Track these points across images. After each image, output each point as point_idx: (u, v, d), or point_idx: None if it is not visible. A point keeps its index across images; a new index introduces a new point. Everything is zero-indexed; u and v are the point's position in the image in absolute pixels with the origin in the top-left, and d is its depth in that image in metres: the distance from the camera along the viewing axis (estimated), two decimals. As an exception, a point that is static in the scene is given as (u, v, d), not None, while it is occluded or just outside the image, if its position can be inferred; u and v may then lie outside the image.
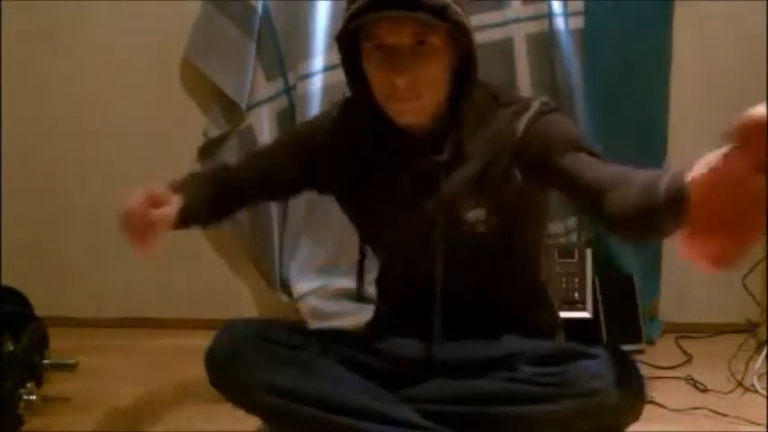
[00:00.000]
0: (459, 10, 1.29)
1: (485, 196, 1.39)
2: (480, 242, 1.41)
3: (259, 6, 2.26)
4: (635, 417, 1.37)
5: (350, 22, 1.29)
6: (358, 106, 1.43)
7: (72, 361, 1.89)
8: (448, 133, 1.38)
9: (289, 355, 1.44)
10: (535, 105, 1.39)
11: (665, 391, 1.89)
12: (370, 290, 1.66)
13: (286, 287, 2.37)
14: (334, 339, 1.51)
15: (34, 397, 1.74)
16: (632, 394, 1.34)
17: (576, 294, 2.11)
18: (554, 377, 1.35)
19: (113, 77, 2.42)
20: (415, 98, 1.31)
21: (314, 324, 2.22)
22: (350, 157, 1.46)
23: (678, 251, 0.83)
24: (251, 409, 1.49)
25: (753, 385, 1.92)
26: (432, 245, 1.41)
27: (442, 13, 1.26)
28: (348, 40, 1.35)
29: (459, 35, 1.30)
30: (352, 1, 1.30)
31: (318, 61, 2.28)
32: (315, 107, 2.29)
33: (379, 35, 1.29)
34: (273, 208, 2.34)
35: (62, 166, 2.48)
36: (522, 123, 1.36)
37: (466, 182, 1.39)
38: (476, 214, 1.40)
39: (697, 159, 0.94)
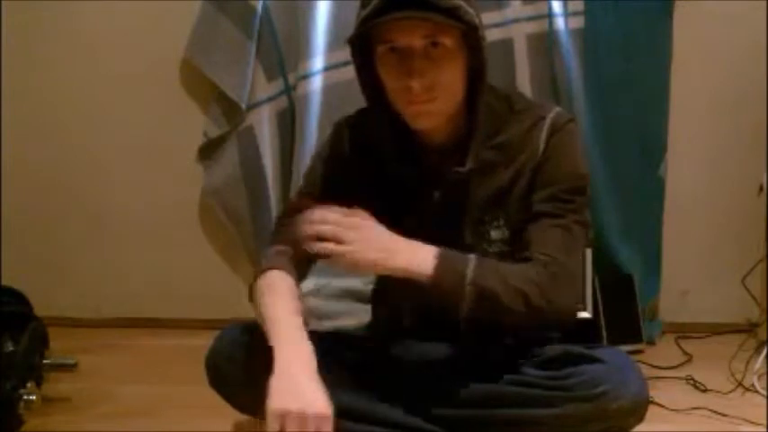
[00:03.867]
0: (470, 10, 1.28)
1: (508, 214, 1.40)
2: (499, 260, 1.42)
3: (259, 6, 2.26)
4: (638, 420, 1.36)
5: (362, 26, 1.28)
6: (372, 117, 1.41)
7: (72, 361, 1.89)
8: (466, 141, 1.37)
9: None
10: (550, 118, 1.39)
11: (665, 391, 1.89)
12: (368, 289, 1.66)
13: (286, 287, 2.36)
14: (334, 342, 1.51)
15: (34, 397, 1.74)
16: (635, 398, 1.33)
17: (576, 294, 2.11)
18: (558, 381, 1.34)
19: (113, 77, 2.42)
20: (430, 101, 1.30)
21: (314, 324, 2.22)
22: (371, 169, 1.45)
23: None
24: (252, 412, 1.49)
25: (753, 385, 1.92)
26: None
27: (453, 13, 1.26)
28: (361, 46, 1.34)
29: (471, 36, 1.30)
30: (363, 5, 1.29)
31: (318, 61, 2.28)
32: (315, 107, 2.29)
33: (392, 37, 1.28)
34: (273, 207, 2.34)
35: (62, 166, 2.48)
36: (541, 139, 1.37)
37: (491, 197, 1.40)
38: (500, 233, 1.41)
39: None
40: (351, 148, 1.48)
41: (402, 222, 1.43)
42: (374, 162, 1.44)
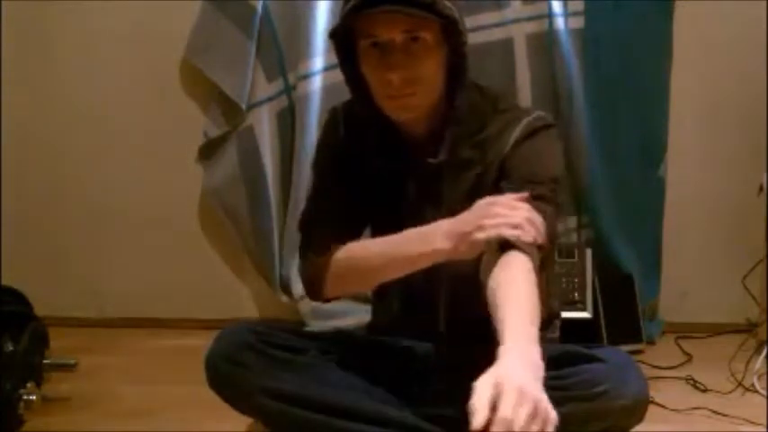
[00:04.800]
0: (450, 5, 1.30)
1: None
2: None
3: (259, 6, 2.27)
4: (638, 419, 1.36)
5: (344, 20, 1.31)
6: (358, 110, 1.43)
7: (72, 361, 1.89)
8: (445, 135, 1.38)
9: (289, 358, 1.44)
10: (527, 119, 1.39)
11: (665, 391, 1.89)
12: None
13: (286, 287, 2.37)
14: (334, 342, 1.51)
15: (34, 397, 1.74)
16: (636, 397, 1.33)
17: (576, 294, 2.12)
18: (558, 381, 1.34)
19: (113, 77, 2.42)
20: (410, 94, 1.32)
21: (314, 324, 2.22)
22: (358, 159, 1.46)
23: None
24: (251, 412, 1.49)
25: (753, 385, 1.92)
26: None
27: (433, 8, 1.28)
28: (345, 43, 1.36)
29: (451, 31, 1.32)
30: (346, 1, 1.31)
31: (318, 61, 2.28)
32: (315, 107, 2.29)
33: (373, 32, 1.30)
34: (273, 207, 2.34)
35: (62, 166, 2.48)
36: (512, 137, 1.38)
37: (466, 192, 1.40)
38: None
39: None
40: (345, 134, 1.49)
41: (381, 213, 1.44)
42: (360, 152, 1.46)
